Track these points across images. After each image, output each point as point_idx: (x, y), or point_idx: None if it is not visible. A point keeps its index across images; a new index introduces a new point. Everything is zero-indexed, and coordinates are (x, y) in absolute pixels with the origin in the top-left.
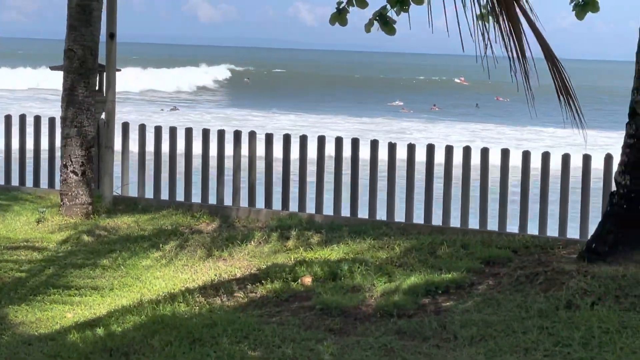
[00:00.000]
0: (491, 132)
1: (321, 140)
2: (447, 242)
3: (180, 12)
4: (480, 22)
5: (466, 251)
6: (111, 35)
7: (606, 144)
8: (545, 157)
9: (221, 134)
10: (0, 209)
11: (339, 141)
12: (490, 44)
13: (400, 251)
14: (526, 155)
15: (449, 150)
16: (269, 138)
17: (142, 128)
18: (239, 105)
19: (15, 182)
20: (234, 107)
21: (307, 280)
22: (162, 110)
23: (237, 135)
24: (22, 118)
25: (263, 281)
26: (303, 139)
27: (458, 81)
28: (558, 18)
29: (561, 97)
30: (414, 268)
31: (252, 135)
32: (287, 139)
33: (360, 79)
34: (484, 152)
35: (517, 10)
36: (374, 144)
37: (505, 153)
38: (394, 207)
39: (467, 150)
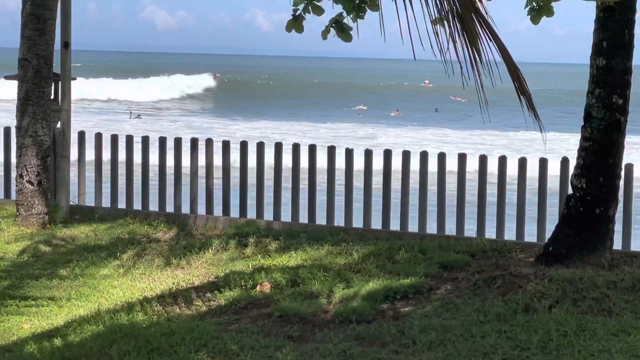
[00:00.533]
0: (450, 137)
1: (278, 147)
2: (405, 247)
3: (137, 21)
4: (436, 26)
5: (424, 256)
6: (65, 45)
7: (567, 147)
8: (502, 161)
9: (178, 141)
10: None
11: (296, 148)
12: (444, 47)
13: (358, 257)
14: (483, 160)
15: (406, 155)
16: (225, 145)
17: (99, 137)
18: (205, 114)
19: None
20: (201, 114)
21: (266, 287)
22: (129, 112)
23: (194, 142)
24: None
25: (221, 289)
26: (260, 146)
27: (422, 84)
28: (513, 22)
29: (521, 97)
30: (373, 274)
31: (208, 142)
32: (244, 145)
33: (326, 84)
34: (441, 157)
35: (475, 17)
36: (331, 151)
37: (462, 158)
38: (352, 213)
39: (424, 155)
